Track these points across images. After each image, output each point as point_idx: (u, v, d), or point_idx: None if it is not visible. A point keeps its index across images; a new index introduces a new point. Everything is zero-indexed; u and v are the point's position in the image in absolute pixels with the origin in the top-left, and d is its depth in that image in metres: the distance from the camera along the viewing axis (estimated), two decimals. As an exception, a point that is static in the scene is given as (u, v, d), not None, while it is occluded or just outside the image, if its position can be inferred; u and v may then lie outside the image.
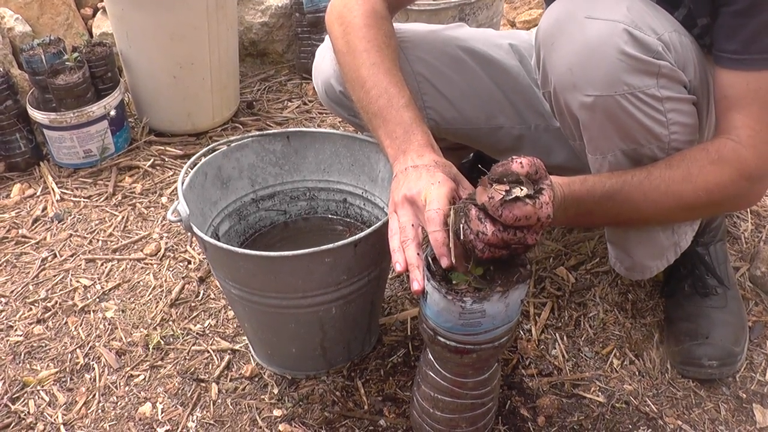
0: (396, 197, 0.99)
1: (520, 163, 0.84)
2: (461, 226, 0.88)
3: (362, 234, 1.08)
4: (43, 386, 1.33)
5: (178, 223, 1.11)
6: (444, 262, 0.90)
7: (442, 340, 0.97)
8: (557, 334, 1.37)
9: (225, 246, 1.09)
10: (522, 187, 0.84)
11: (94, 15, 2.45)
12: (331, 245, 1.06)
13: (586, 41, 0.99)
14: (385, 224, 1.11)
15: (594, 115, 1.02)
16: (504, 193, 0.83)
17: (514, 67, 1.34)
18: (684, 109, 1.04)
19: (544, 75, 1.08)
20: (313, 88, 2.26)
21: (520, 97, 1.35)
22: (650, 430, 1.20)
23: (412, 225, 0.96)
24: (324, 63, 1.35)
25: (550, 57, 1.04)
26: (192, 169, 1.25)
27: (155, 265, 1.61)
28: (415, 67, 1.32)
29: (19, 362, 1.38)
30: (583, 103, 1.02)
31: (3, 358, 1.39)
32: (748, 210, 1.63)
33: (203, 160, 1.28)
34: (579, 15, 1.00)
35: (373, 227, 1.10)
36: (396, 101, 1.08)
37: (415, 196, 0.95)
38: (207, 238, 1.10)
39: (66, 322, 1.47)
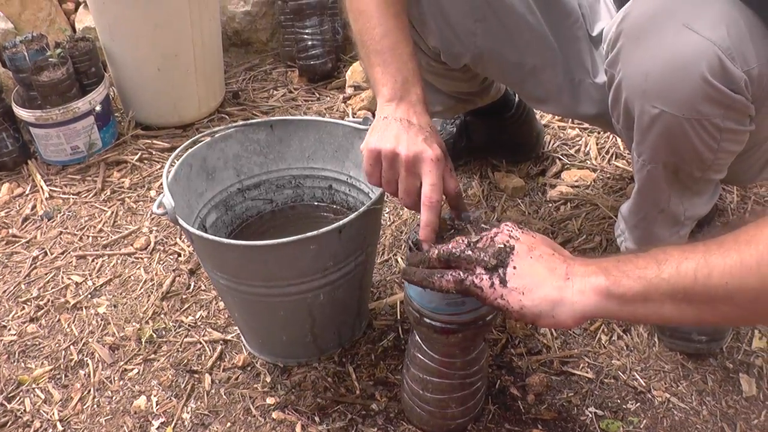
0: (383, 145, 1.01)
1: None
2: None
3: (346, 219, 1.09)
4: (38, 384, 1.34)
5: (165, 216, 1.12)
6: (425, 245, 0.95)
7: (428, 321, 0.98)
8: (546, 313, 1.38)
9: (210, 237, 1.09)
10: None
11: (76, 9, 2.43)
12: (315, 232, 1.06)
13: (674, 55, 0.94)
14: (369, 210, 1.12)
15: (653, 126, 1.00)
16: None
17: (574, 12, 1.26)
18: (738, 139, 1.02)
19: (613, 61, 1.04)
20: (298, 76, 2.28)
21: (572, 47, 1.28)
22: (639, 403, 1.21)
23: (394, 180, 1.02)
24: None
25: (630, 51, 1.00)
26: (177, 161, 1.25)
27: (145, 259, 1.61)
28: None
29: (14, 361, 1.39)
30: (646, 111, 0.99)
31: (-3, 356, 1.40)
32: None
33: (188, 152, 1.28)
34: (678, 19, 0.94)
35: (356, 212, 1.10)
36: (402, 47, 1.08)
37: (404, 157, 0.99)
38: (192, 229, 1.10)
39: (59, 320, 1.48)
